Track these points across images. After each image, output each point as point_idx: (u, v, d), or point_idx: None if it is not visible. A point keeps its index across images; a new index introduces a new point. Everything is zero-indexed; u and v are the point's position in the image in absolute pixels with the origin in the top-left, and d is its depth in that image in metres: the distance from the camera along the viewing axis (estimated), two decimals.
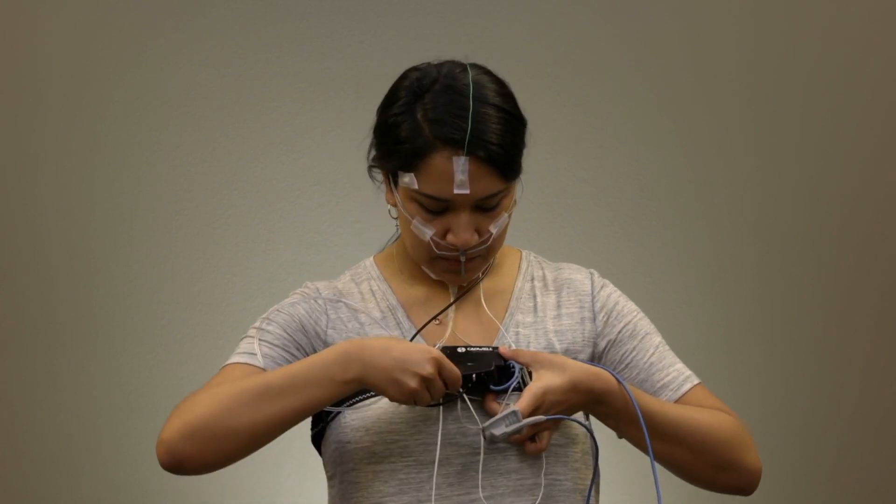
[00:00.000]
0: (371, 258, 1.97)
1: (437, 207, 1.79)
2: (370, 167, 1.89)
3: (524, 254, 1.98)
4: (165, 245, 3.50)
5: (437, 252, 1.81)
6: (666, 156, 3.58)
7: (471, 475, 1.76)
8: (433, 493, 1.75)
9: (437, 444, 1.76)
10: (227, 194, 3.52)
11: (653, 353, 1.89)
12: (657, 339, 1.92)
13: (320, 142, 3.53)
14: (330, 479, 1.89)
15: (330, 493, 1.90)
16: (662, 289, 3.57)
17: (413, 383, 1.67)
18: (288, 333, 1.85)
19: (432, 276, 1.87)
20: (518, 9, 3.55)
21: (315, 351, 1.84)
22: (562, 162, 3.55)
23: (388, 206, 1.88)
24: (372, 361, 1.69)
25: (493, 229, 1.81)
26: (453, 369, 1.70)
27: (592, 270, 1.97)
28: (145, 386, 3.47)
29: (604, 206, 3.58)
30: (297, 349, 1.84)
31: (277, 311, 1.87)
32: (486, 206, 1.79)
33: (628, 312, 1.92)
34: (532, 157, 1.89)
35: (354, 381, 1.70)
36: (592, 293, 1.92)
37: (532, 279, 1.94)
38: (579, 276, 1.95)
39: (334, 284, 1.93)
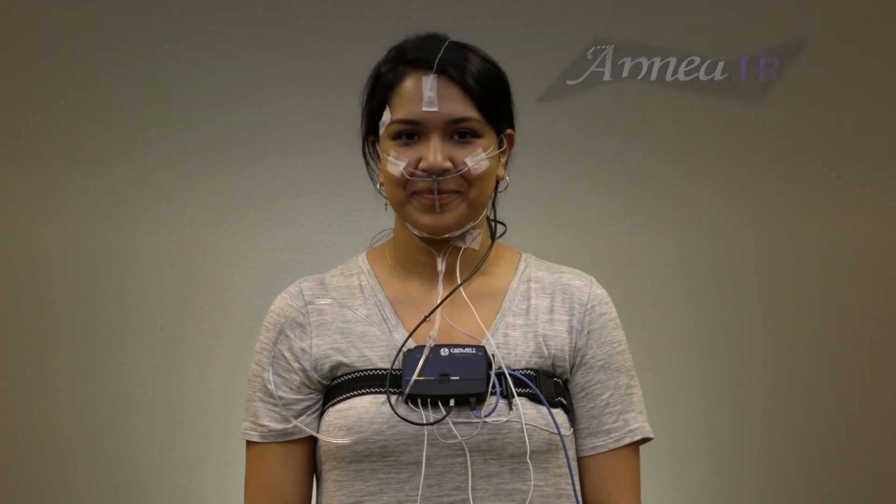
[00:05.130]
0: (364, 253, 1.97)
1: (410, 131, 1.79)
2: (363, 142, 1.89)
3: (524, 256, 1.96)
4: (165, 245, 3.50)
5: (410, 179, 1.78)
6: (666, 155, 3.57)
7: (450, 477, 1.76)
8: (418, 494, 1.76)
9: (417, 444, 1.76)
10: (227, 194, 3.53)
11: (612, 394, 1.88)
12: (625, 379, 1.90)
13: (320, 142, 3.53)
14: (317, 477, 1.90)
15: (317, 492, 1.91)
16: (662, 289, 3.56)
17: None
18: (284, 376, 1.87)
19: (414, 229, 1.83)
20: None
21: (307, 369, 1.86)
22: (561, 161, 3.54)
23: (379, 187, 1.86)
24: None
25: (469, 162, 1.79)
26: None
27: (592, 278, 1.95)
28: (145, 386, 3.47)
29: (604, 206, 3.57)
30: (303, 382, 1.87)
31: (267, 353, 1.88)
32: (459, 132, 1.79)
33: (611, 341, 1.90)
34: (532, 157, 1.88)
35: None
36: (587, 305, 1.90)
37: (529, 281, 1.92)
38: (578, 283, 1.92)
39: (323, 279, 1.92)
